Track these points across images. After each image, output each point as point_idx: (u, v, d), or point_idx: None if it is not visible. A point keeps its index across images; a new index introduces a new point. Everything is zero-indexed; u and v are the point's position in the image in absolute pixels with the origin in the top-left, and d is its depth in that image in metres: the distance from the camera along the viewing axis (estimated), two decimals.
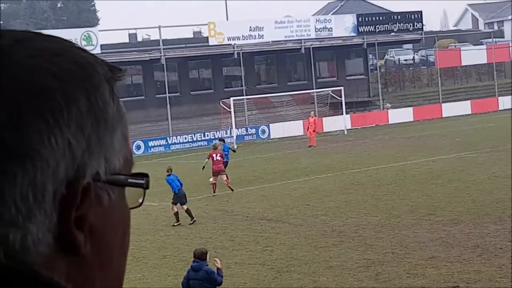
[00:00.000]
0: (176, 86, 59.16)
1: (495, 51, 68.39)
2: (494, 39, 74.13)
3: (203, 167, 32.92)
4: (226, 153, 34.78)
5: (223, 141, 37.22)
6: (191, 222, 25.48)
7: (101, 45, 52.55)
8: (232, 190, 31.14)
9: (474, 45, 75.71)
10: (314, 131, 47.88)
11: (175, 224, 25.55)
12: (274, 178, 34.72)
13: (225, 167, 33.03)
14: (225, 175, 31.58)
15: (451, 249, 19.53)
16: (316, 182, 32.79)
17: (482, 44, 74.41)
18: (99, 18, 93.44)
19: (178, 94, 58.92)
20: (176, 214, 25.84)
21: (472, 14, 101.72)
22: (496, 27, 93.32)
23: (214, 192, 31.28)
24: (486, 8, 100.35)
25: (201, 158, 37.58)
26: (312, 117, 48.84)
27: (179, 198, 26.04)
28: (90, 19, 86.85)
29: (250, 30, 57.50)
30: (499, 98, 64.90)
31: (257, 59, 62.93)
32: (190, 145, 51.81)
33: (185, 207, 25.89)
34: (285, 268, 18.91)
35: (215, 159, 31.57)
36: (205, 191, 32.00)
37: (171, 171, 26.67)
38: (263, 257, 20.21)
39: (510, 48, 71.83)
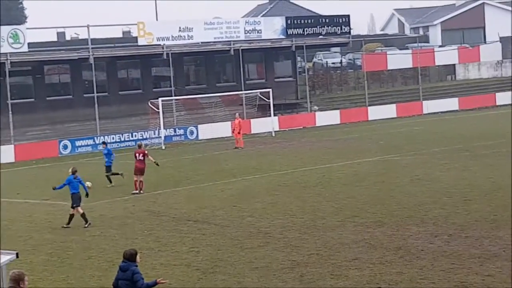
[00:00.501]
0: (104, 85, 58.77)
1: (420, 55, 69.53)
2: (419, 44, 75.37)
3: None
4: (108, 156, 35.30)
5: (105, 144, 37.08)
6: (86, 225, 25.37)
7: (29, 43, 51.92)
8: (141, 192, 31.63)
9: (400, 49, 76.81)
10: (239, 132, 48.10)
11: (65, 226, 25.49)
12: (201, 179, 34.83)
13: (107, 171, 34.62)
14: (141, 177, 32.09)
15: (374, 250, 19.88)
16: (243, 183, 32.99)
17: (408, 49, 75.57)
18: (27, 16, 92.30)
19: (106, 94, 58.53)
20: (71, 216, 25.66)
21: (398, 19, 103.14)
22: (421, 32, 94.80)
23: (136, 189, 31.93)
24: (412, 13, 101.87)
25: (128, 159, 37.48)
26: (237, 119, 49.04)
27: (76, 200, 25.74)
28: (18, 17, 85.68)
29: (180, 30, 57.45)
30: (424, 102, 66.03)
31: (186, 59, 62.87)
32: (117, 145, 51.54)
33: (80, 210, 25.73)
34: (210, 269, 19.03)
35: (137, 158, 32.20)
36: (131, 192, 31.95)
37: (75, 172, 25.98)
38: (188, 258, 20.30)
39: (435, 53, 73.16)
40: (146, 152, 33.00)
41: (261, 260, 19.58)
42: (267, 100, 56.16)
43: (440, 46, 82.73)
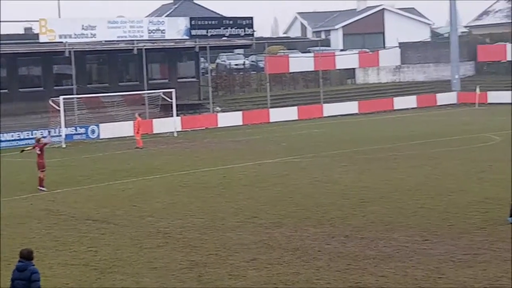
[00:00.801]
0: (4, 82, 57.77)
1: (321, 59, 70.52)
2: (321, 48, 76.40)
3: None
4: None
5: None
6: None
7: None
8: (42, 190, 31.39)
9: (302, 52, 77.71)
10: (138, 132, 47.93)
11: None
12: (102, 179, 34.62)
13: None
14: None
15: (272, 251, 20.15)
16: (144, 183, 32.95)
17: (310, 52, 76.50)
18: None
19: (6, 91, 57.55)
20: None
21: (301, 23, 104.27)
22: (323, 36, 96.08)
23: (40, 185, 31.72)
24: (315, 17, 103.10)
25: (28, 157, 36.96)
26: (137, 118, 48.84)
27: None
28: None
29: (83, 28, 56.86)
30: (324, 105, 66.93)
31: (88, 58, 62.28)
32: (17, 143, 50.68)
33: None
34: (108, 269, 19.00)
35: (36, 152, 32.16)
36: (30, 190, 31.58)
37: None
38: (86, 257, 20.22)
39: (336, 56, 74.30)
40: (42, 145, 32.49)
41: (159, 260, 19.64)
42: (169, 100, 56.10)
43: (341, 50, 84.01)
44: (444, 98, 72.66)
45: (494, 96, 70.66)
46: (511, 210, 22.16)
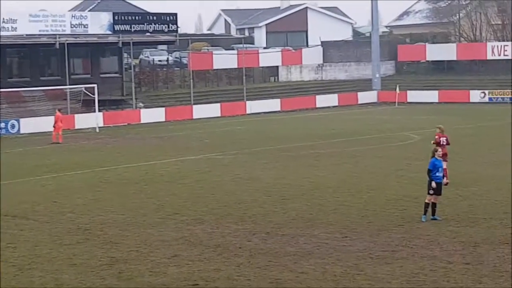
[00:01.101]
0: None
1: (245, 56, 70.79)
2: (244, 45, 76.65)
3: None
4: None
5: None
6: None
7: None
8: None
9: (226, 49, 77.84)
10: (56, 127, 47.45)
11: None
12: (22, 174, 34.18)
13: None
14: None
15: (193, 247, 20.20)
16: (65, 179, 32.66)
17: (234, 49, 76.68)
18: None
19: None
20: None
21: (225, 20, 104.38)
22: (247, 33, 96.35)
23: None
24: (239, 14, 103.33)
25: None
26: (56, 113, 48.35)
27: None
28: None
29: (3, 22, 56.04)
30: (247, 102, 67.20)
31: (9, 51, 61.34)
32: None
33: None
34: (27, 265, 18.81)
35: None
36: None
37: None
38: (5, 254, 19.96)
39: (259, 54, 74.64)
40: None
41: (79, 256, 19.52)
42: (92, 95, 55.64)
43: (264, 48, 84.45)
44: (365, 96, 73.68)
45: (414, 95, 71.97)
46: (424, 209, 22.64)
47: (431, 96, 71.63)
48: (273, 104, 67.87)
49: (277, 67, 77.45)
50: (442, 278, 16.96)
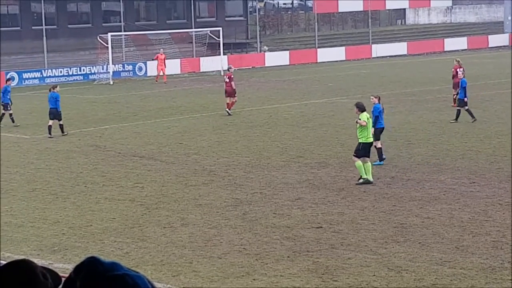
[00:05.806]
0: (53, 18, 57.92)
1: None
2: None
3: None
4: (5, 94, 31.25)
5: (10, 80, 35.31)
6: (63, 134, 29.20)
7: None
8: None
9: None
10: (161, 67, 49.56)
11: (50, 136, 28.71)
12: (148, 116, 34.75)
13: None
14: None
15: (317, 191, 20.13)
16: (190, 121, 33.01)
17: None
18: None
19: (55, 26, 57.73)
20: (50, 127, 28.93)
21: None
22: None
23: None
24: None
25: (76, 93, 37.30)
26: (161, 54, 50.08)
27: (53, 114, 29.27)
28: None
29: None
30: (373, 45, 66.29)
31: None
32: (65, 78, 51.04)
33: (60, 122, 29.37)
34: (154, 205, 19.13)
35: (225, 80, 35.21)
36: (78, 126, 31.81)
37: (53, 89, 30.07)
38: (133, 193, 20.37)
39: None
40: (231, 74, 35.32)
41: (205, 197, 19.72)
42: (217, 38, 55.91)
43: None
44: (496, 40, 71.56)
45: None
46: None
47: None
48: (399, 48, 66.73)
49: (404, 9, 75.98)
50: None
